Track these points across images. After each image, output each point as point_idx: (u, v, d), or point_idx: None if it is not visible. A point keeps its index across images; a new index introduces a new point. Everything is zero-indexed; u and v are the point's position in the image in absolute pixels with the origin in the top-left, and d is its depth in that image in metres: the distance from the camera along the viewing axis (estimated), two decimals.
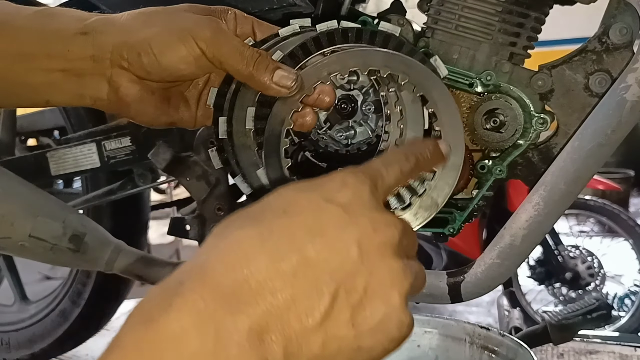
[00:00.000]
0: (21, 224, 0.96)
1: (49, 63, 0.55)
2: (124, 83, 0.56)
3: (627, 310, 3.03)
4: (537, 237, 0.81)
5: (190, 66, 0.56)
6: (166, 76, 0.56)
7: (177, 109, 0.62)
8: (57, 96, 0.57)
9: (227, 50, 0.55)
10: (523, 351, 0.87)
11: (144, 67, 0.55)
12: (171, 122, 0.62)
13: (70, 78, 0.56)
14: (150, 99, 0.58)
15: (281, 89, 0.56)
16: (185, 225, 1.02)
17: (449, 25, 0.84)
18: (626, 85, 0.75)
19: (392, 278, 0.38)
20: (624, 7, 0.78)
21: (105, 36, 0.55)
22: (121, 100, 0.57)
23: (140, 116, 0.60)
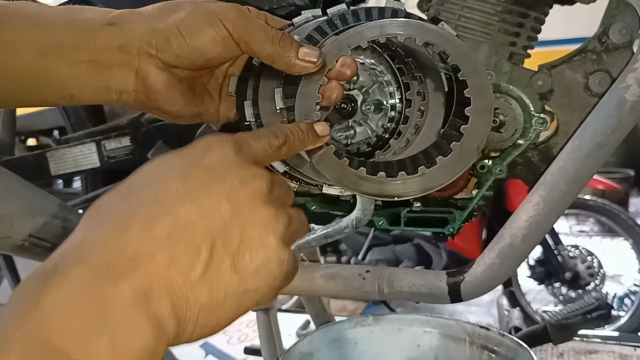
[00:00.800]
0: (21, 224, 0.96)
1: (77, 54, 0.55)
2: (151, 71, 0.56)
3: (626, 310, 3.03)
4: (537, 237, 0.81)
5: (218, 47, 0.56)
6: (195, 59, 0.56)
7: (202, 101, 0.62)
8: (82, 90, 0.57)
9: (253, 29, 0.56)
10: (523, 351, 0.88)
11: (173, 51, 0.55)
12: (197, 113, 0.62)
13: (97, 70, 0.56)
14: (178, 86, 0.59)
15: (307, 64, 0.56)
16: None
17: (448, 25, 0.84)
18: (626, 85, 0.75)
19: (265, 223, 0.42)
20: (623, 7, 0.78)
21: (133, 24, 0.55)
22: (149, 89, 0.57)
23: (169, 105, 0.59)
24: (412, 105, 0.72)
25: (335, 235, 0.83)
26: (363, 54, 0.84)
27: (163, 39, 0.55)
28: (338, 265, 0.94)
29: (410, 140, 0.73)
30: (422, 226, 0.89)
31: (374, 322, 0.98)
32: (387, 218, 0.89)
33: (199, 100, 0.62)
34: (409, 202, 0.90)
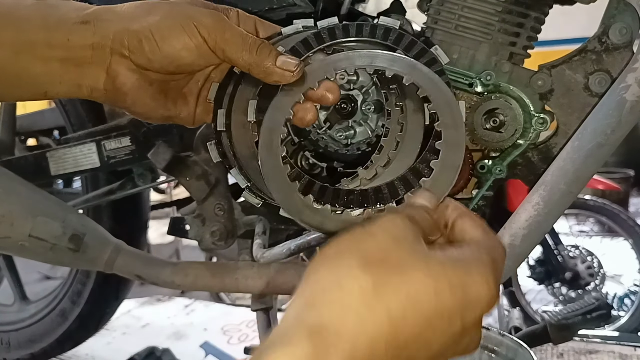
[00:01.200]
0: (21, 224, 0.96)
1: (49, 52, 0.55)
2: (122, 71, 0.56)
3: (626, 310, 3.03)
4: (536, 237, 0.81)
5: (191, 54, 0.55)
6: (167, 64, 0.56)
7: (175, 104, 0.61)
8: (55, 87, 0.57)
9: (229, 36, 0.55)
10: (523, 351, 0.88)
11: (145, 54, 0.55)
12: (168, 116, 0.61)
13: (69, 68, 0.55)
14: (148, 89, 0.58)
15: (284, 73, 0.55)
16: (185, 225, 1.02)
17: (448, 25, 0.84)
18: (626, 85, 0.75)
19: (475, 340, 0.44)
20: (623, 7, 0.78)
21: (107, 24, 0.55)
22: (118, 89, 0.57)
23: (137, 107, 0.59)
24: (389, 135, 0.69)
25: None
26: None
27: (136, 41, 0.55)
28: None
29: (378, 172, 0.71)
30: None
31: None
32: None
33: (171, 104, 0.61)
34: None
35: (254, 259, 0.93)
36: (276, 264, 0.93)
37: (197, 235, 1.01)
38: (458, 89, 0.84)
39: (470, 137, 0.85)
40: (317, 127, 0.88)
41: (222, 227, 0.98)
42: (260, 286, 0.95)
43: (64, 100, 1.43)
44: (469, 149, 0.85)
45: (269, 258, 0.90)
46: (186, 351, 1.76)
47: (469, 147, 0.86)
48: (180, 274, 1.01)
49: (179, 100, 0.62)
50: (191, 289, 1.08)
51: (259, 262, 0.92)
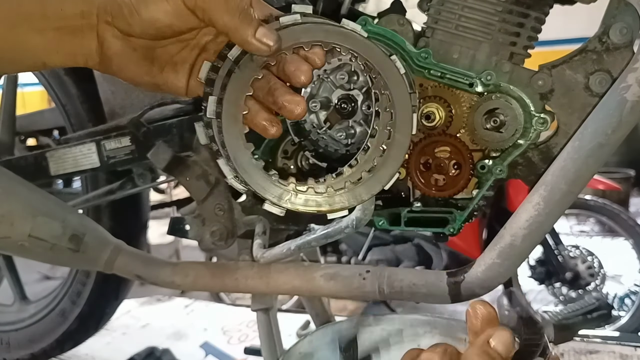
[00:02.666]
0: (21, 224, 0.96)
1: (45, 23, 0.56)
2: (107, 37, 0.57)
3: (627, 310, 3.03)
4: (537, 237, 0.80)
5: (168, 16, 0.55)
6: (146, 28, 0.56)
7: (162, 71, 0.61)
8: (52, 57, 0.58)
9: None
10: None
11: (126, 19, 0.56)
12: (155, 83, 0.62)
13: (64, 37, 0.57)
14: (132, 55, 0.59)
15: (262, 46, 0.54)
16: (185, 225, 1.02)
17: (449, 25, 0.84)
18: (626, 85, 0.75)
19: None
20: (624, 7, 0.78)
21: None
22: (104, 54, 0.58)
23: (122, 72, 0.60)
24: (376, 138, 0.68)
25: (336, 235, 0.83)
26: None
27: (116, 6, 0.56)
28: (338, 265, 0.93)
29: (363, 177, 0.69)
30: (422, 226, 0.89)
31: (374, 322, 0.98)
32: (387, 218, 0.89)
33: (157, 71, 0.61)
34: (409, 202, 0.90)
35: (254, 259, 0.93)
36: (276, 264, 0.93)
37: (197, 236, 1.00)
38: (458, 88, 0.84)
39: (470, 137, 0.85)
40: (318, 127, 0.88)
41: (222, 227, 0.98)
42: (260, 286, 0.94)
43: (63, 100, 1.43)
44: (470, 149, 0.85)
45: (269, 258, 0.90)
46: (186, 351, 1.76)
47: (469, 147, 0.85)
48: (180, 274, 1.01)
49: (166, 67, 0.62)
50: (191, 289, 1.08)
51: (259, 262, 0.92)
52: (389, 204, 0.89)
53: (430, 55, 0.83)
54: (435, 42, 0.85)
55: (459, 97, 0.85)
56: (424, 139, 0.87)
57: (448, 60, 0.84)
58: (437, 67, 0.84)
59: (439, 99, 0.85)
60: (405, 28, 0.86)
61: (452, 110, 0.85)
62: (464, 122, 0.85)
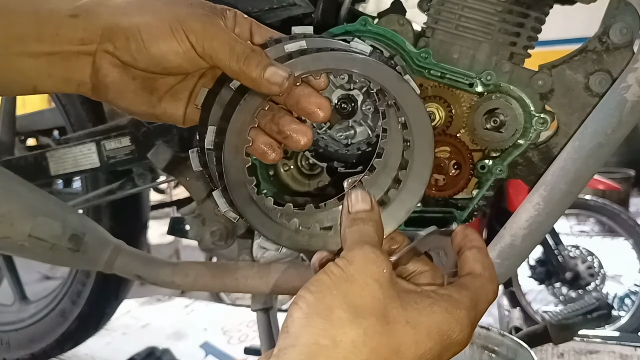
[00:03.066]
0: (21, 224, 0.96)
1: (39, 47, 0.54)
2: (105, 65, 0.56)
3: (627, 310, 3.03)
4: (537, 237, 0.81)
5: (178, 58, 0.54)
6: (153, 65, 0.55)
7: (160, 101, 0.60)
8: (44, 81, 0.56)
9: (217, 44, 0.54)
10: (523, 351, 0.88)
11: (131, 52, 0.54)
12: (152, 113, 0.60)
13: (58, 62, 0.55)
14: (130, 84, 0.57)
15: (271, 86, 0.53)
16: (185, 225, 1.02)
17: (449, 25, 0.84)
18: (626, 85, 0.75)
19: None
20: (624, 7, 0.78)
21: (96, 18, 0.54)
22: (100, 82, 0.56)
23: (119, 101, 0.58)
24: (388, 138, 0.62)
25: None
26: None
27: (123, 38, 0.54)
28: None
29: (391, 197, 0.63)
30: (422, 226, 0.88)
31: None
32: None
33: (155, 101, 0.59)
34: None
35: (254, 259, 0.93)
36: (276, 264, 0.93)
37: (197, 235, 1.01)
38: (458, 88, 0.84)
39: (470, 137, 0.85)
40: (317, 127, 0.88)
41: (222, 227, 0.98)
42: (260, 286, 0.94)
43: (63, 100, 1.43)
44: (470, 149, 0.85)
45: (269, 258, 0.90)
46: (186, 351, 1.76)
47: (469, 147, 0.86)
48: (180, 274, 1.01)
49: (165, 98, 0.60)
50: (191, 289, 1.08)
51: (259, 262, 0.92)
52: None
53: (430, 55, 0.83)
54: (435, 42, 0.85)
55: (459, 97, 0.85)
56: None
57: (448, 60, 0.84)
58: (437, 67, 0.84)
59: (439, 99, 0.85)
60: (405, 28, 0.86)
61: (452, 110, 0.85)
62: (464, 122, 0.85)
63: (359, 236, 0.48)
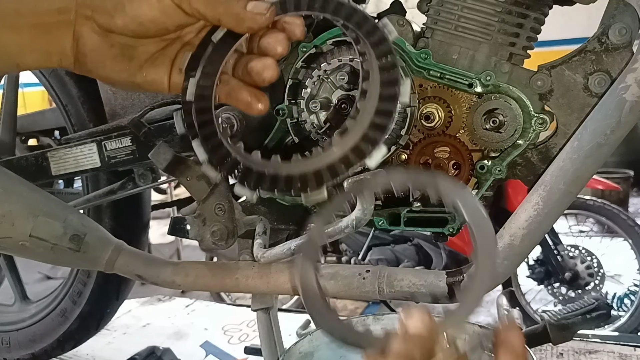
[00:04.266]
0: (22, 224, 0.96)
1: (19, 20, 0.55)
2: (84, 33, 0.55)
3: (626, 310, 3.03)
4: (536, 237, 0.81)
5: (154, 11, 0.54)
6: (130, 24, 0.55)
7: (141, 68, 0.59)
8: (26, 57, 0.56)
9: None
10: None
11: (109, 13, 0.54)
12: (133, 81, 0.59)
13: (38, 34, 0.55)
14: (109, 51, 0.57)
15: (256, 17, 0.53)
16: (185, 225, 1.02)
17: (448, 25, 0.84)
18: (625, 86, 0.75)
19: None
20: (623, 7, 0.78)
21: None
22: (79, 51, 0.56)
23: (97, 69, 0.57)
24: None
25: (336, 235, 0.84)
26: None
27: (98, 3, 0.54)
28: (338, 265, 0.94)
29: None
30: (422, 226, 0.89)
31: (374, 322, 0.98)
32: (387, 218, 0.90)
33: (135, 68, 0.58)
34: (408, 202, 0.90)
35: (254, 259, 0.93)
36: (276, 264, 0.94)
37: (198, 235, 1.01)
38: (458, 89, 0.85)
39: (470, 137, 0.85)
40: (318, 128, 0.88)
41: (222, 227, 0.98)
42: (261, 286, 0.95)
43: (64, 101, 1.43)
44: (469, 149, 0.86)
45: (269, 258, 0.90)
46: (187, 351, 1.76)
47: (468, 147, 0.86)
48: (181, 274, 1.01)
49: (146, 65, 0.59)
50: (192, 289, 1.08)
51: (259, 262, 0.92)
52: (388, 204, 0.90)
53: (429, 56, 0.84)
54: (435, 42, 0.85)
55: (459, 98, 0.85)
56: (423, 139, 0.87)
57: (447, 60, 0.85)
58: (436, 68, 0.84)
59: (439, 99, 0.86)
60: (404, 29, 0.86)
61: (452, 111, 0.86)
62: (464, 122, 0.85)
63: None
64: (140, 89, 0.61)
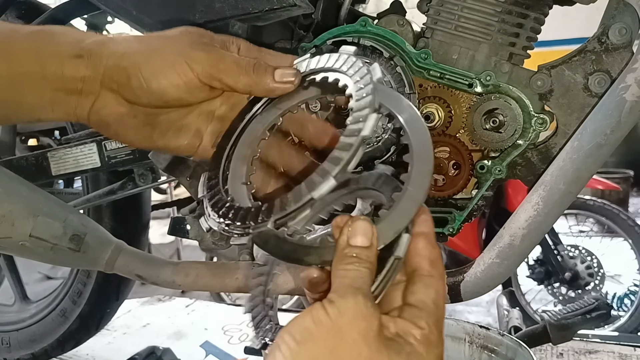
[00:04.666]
0: (22, 224, 0.96)
1: (43, 83, 0.56)
2: (108, 103, 0.58)
3: (626, 310, 3.03)
4: (536, 237, 0.81)
5: (178, 91, 0.56)
6: (154, 100, 0.57)
7: (164, 136, 0.61)
8: (47, 113, 0.58)
9: (223, 65, 0.56)
10: (522, 351, 0.88)
11: (133, 90, 0.56)
12: (155, 146, 0.62)
13: (61, 97, 0.57)
14: (131, 122, 0.59)
15: (286, 85, 0.57)
16: (185, 225, 1.02)
17: (448, 25, 0.84)
18: (625, 86, 0.75)
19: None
20: (623, 7, 0.78)
21: (99, 58, 0.56)
22: (102, 120, 0.59)
23: (120, 137, 0.61)
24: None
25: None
26: (363, 54, 0.85)
27: (125, 77, 0.56)
28: None
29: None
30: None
31: None
32: None
33: (158, 136, 0.61)
34: None
35: (254, 259, 0.93)
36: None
37: (198, 235, 1.01)
38: (458, 89, 0.85)
39: (470, 137, 0.85)
40: None
41: None
42: None
43: None
44: (469, 149, 0.86)
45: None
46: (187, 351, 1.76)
47: (468, 147, 0.86)
48: (181, 274, 1.01)
49: (169, 132, 0.62)
50: (192, 288, 1.08)
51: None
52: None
53: (429, 56, 0.84)
54: (435, 42, 0.85)
55: (459, 98, 0.85)
56: None
57: (447, 60, 0.84)
58: (436, 68, 0.84)
59: (439, 99, 0.86)
60: (404, 29, 0.86)
61: (452, 111, 0.86)
62: (464, 122, 0.85)
63: (352, 281, 0.45)
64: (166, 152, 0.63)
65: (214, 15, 0.85)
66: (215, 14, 0.85)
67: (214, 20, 0.85)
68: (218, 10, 0.85)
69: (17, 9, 1.33)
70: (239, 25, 0.88)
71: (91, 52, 0.57)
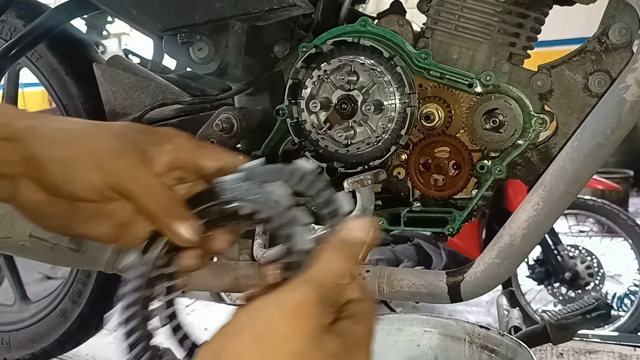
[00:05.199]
0: (22, 224, 0.96)
1: None
2: (26, 189, 0.57)
3: (626, 310, 3.03)
4: (536, 237, 0.81)
5: (91, 195, 0.56)
6: (69, 195, 0.57)
7: (84, 224, 0.60)
8: None
9: (136, 188, 0.56)
10: (522, 350, 0.88)
11: (49, 185, 0.56)
12: (76, 234, 0.61)
13: None
14: (49, 210, 0.58)
15: (182, 239, 0.56)
16: None
17: (448, 25, 0.84)
18: (625, 86, 0.75)
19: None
20: (623, 7, 0.78)
21: (22, 146, 0.56)
22: (20, 204, 0.58)
23: (38, 223, 0.60)
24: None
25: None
26: (363, 54, 0.85)
27: (41, 170, 0.55)
28: None
29: None
30: (422, 226, 0.89)
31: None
32: (387, 218, 0.90)
33: (78, 224, 0.60)
34: (408, 202, 0.90)
35: (254, 259, 0.93)
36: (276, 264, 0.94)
37: None
38: (458, 89, 0.85)
39: (470, 137, 0.85)
40: (318, 128, 0.88)
41: None
42: None
43: (64, 101, 1.43)
44: (469, 149, 0.86)
45: (269, 258, 0.90)
46: None
47: (468, 147, 0.86)
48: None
49: (89, 221, 0.60)
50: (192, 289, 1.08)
51: (259, 262, 0.92)
52: (388, 204, 0.90)
53: (429, 56, 0.84)
54: (435, 42, 0.85)
55: (459, 98, 0.85)
56: (423, 139, 0.87)
57: (447, 60, 0.85)
58: (436, 68, 0.84)
59: (439, 99, 0.86)
60: (404, 29, 0.86)
61: (452, 111, 0.86)
62: (464, 122, 0.85)
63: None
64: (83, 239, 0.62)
65: (214, 15, 0.85)
66: (215, 14, 0.85)
67: (214, 20, 0.85)
68: (218, 10, 0.85)
69: (17, 9, 1.33)
70: (239, 25, 0.88)
71: (17, 138, 0.56)
